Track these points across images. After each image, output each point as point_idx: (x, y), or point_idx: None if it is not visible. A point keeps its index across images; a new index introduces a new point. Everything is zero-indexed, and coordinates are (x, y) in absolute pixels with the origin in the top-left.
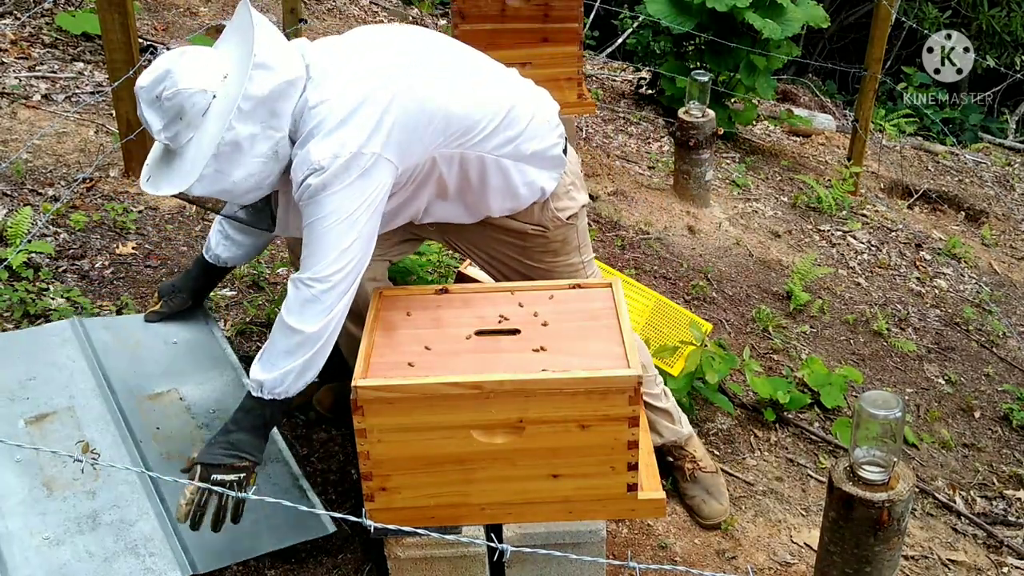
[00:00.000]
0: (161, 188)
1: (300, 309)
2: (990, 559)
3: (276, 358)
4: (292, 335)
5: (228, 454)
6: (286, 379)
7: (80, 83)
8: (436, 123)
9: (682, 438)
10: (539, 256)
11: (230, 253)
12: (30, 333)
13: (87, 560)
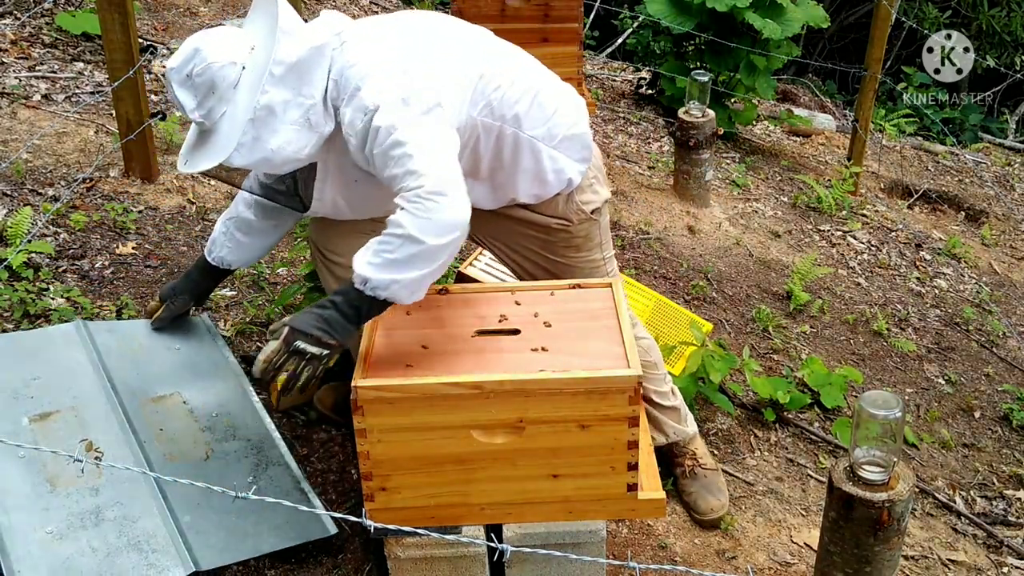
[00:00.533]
0: (200, 164)
1: (421, 218)
2: (990, 559)
3: (393, 266)
4: (417, 250)
5: (319, 328)
6: (392, 286)
7: (80, 83)
8: (475, 81)
9: (687, 438)
10: (562, 251)
11: (235, 256)
12: (35, 334)
13: (90, 555)
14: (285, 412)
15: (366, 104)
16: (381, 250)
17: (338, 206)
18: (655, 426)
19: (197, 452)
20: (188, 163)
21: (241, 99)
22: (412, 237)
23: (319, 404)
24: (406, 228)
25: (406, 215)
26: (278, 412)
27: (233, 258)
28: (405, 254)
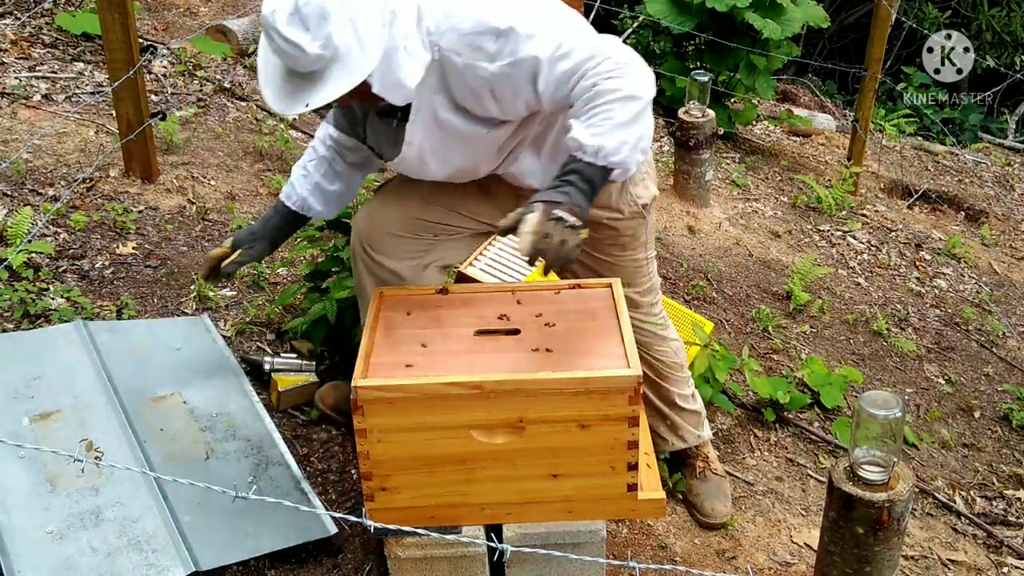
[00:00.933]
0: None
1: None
2: (990, 559)
3: (616, 128)
4: (632, 105)
5: (566, 197)
6: (623, 148)
7: (80, 83)
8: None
9: (703, 442)
10: (607, 249)
11: (321, 205)
12: (35, 334)
13: (90, 555)
14: (285, 412)
15: (495, 26)
16: (602, 118)
17: (423, 154)
18: (674, 431)
19: (197, 452)
20: (312, 100)
21: (362, 12)
22: (630, 95)
23: (320, 402)
24: (621, 89)
25: (612, 80)
26: (278, 412)
27: (320, 207)
28: (628, 113)
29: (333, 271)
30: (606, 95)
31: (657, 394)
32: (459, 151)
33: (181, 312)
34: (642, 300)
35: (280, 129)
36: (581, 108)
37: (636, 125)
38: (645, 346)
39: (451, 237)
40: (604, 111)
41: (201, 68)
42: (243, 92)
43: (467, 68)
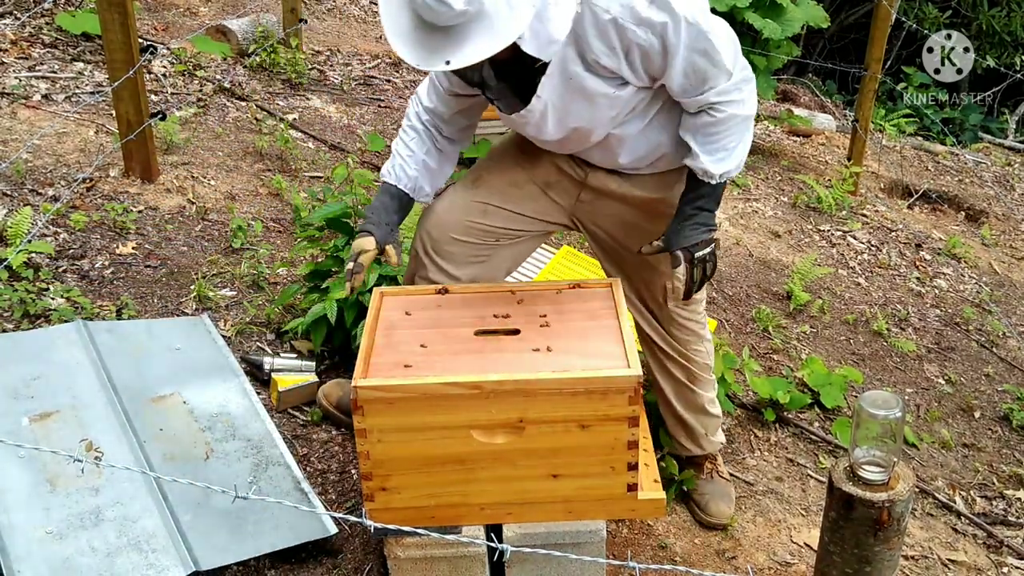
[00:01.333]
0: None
1: (749, 94)
2: (990, 559)
3: (735, 149)
4: (748, 124)
5: (698, 232)
6: (741, 164)
7: (80, 83)
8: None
9: (716, 449)
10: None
11: (429, 186)
12: (35, 334)
13: (90, 555)
14: (285, 412)
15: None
16: (726, 143)
17: (547, 110)
18: (694, 439)
19: (197, 452)
20: (454, 59)
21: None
22: (747, 116)
23: (324, 399)
24: (741, 113)
25: (736, 105)
26: (278, 412)
27: (424, 181)
28: (745, 132)
29: (333, 271)
30: (730, 121)
31: (685, 402)
32: (581, 111)
33: (181, 312)
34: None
35: (280, 129)
36: (705, 130)
37: (748, 136)
38: (683, 344)
39: (512, 241)
40: (727, 136)
41: (201, 68)
42: (243, 92)
43: (612, 24)
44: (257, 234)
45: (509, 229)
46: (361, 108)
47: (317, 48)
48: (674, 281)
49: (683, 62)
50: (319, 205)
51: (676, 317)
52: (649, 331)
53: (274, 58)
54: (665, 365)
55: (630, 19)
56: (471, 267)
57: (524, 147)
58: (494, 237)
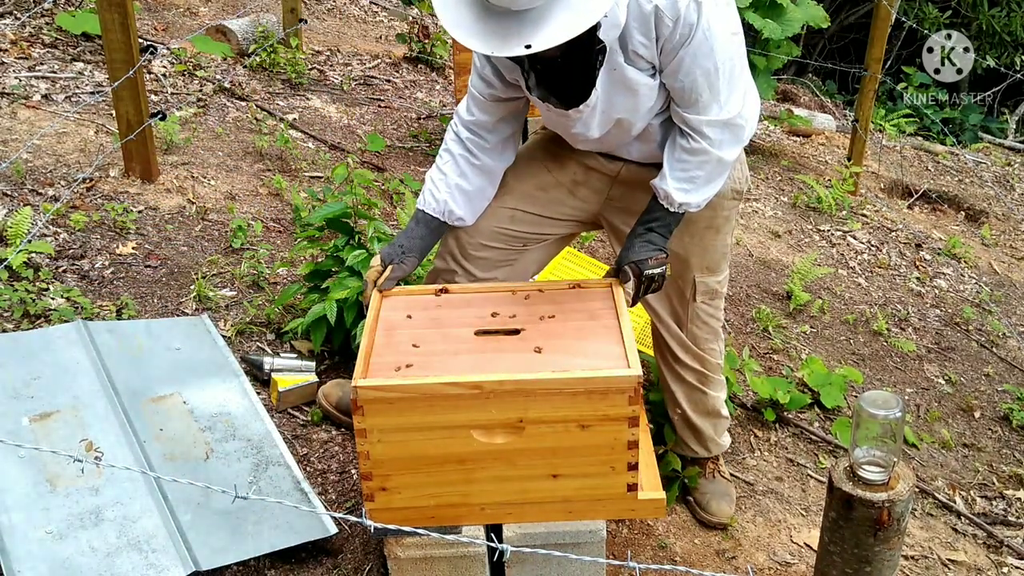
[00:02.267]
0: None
1: (731, 143)
2: (990, 559)
3: (701, 186)
4: (721, 168)
5: (647, 250)
6: (702, 203)
7: (80, 83)
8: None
9: (722, 451)
10: (702, 232)
11: (463, 208)
12: (35, 334)
13: (90, 555)
14: (285, 412)
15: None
16: (694, 176)
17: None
18: (702, 442)
19: (197, 452)
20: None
21: None
22: (727, 163)
23: (324, 400)
24: (723, 158)
25: (718, 141)
26: (278, 412)
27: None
28: (718, 174)
29: (333, 271)
30: (703, 155)
31: (695, 406)
32: (624, 103)
33: (181, 312)
34: (720, 290)
35: (280, 129)
36: (680, 154)
37: (718, 181)
38: (700, 342)
39: (538, 245)
40: (697, 169)
41: (201, 68)
42: (243, 92)
43: (653, 13)
44: (257, 234)
45: (536, 233)
46: (361, 108)
47: (317, 48)
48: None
49: (684, 73)
50: (319, 205)
51: (701, 313)
52: (667, 336)
53: (274, 58)
54: (677, 371)
55: (669, 11)
56: (498, 271)
57: (550, 149)
58: (521, 242)
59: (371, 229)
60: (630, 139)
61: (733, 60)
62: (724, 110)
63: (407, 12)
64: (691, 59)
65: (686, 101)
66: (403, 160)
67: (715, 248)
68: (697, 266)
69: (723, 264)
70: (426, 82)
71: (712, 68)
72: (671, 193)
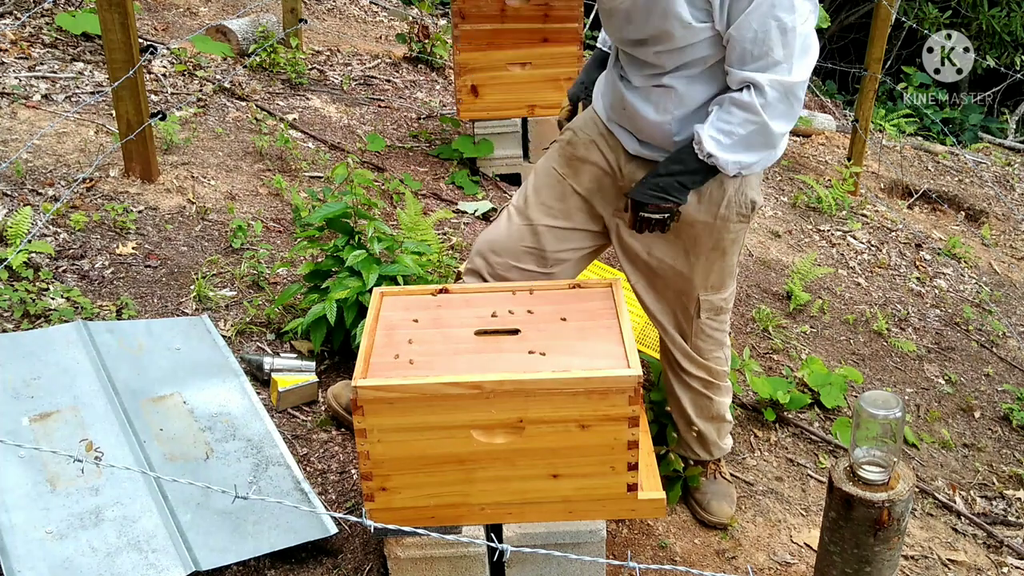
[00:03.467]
0: None
1: (784, 115)
2: (990, 559)
3: (737, 145)
4: (764, 137)
5: (655, 195)
6: (731, 165)
7: (80, 83)
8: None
9: (724, 453)
10: (708, 252)
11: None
12: (35, 334)
13: (90, 555)
14: (285, 412)
15: None
16: (734, 129)
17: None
18: (704, 445)
19: (197, 452)
20: None
21: None
22: (767, 127)
23: (333, 400)
24: (765, 115)
25: (770, 104)
26: (278, 412)
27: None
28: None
29: (333, 271)
30: (751, 112)
31: (700, 411)
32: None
33: (181, 312)
34: (726, 307)
35: (280, 129)
36: (729, 106)
37: (756, 145)
38: (705, 353)
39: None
40: (741, 126)
41: (201, 68)
42: (243, 92)
43: None
44: (257, 234)
45: (561, 250)
46: (361, 108)
47: (317, 48)
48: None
49: (759, 21)
50: (319, 205)
51: (705, 328)
52: (672, 349)
53: (274, 58)
54: (683, 379)
55: None
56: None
57: (564, 158)
58: (549, 263)
59: (371, 229)
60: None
61: (809, 26)
62: (792, 73)
63: (407, 12)
64: (769, 6)
65: (754, 54)
66: (403, 160)
67: (721, 269)
68: (701, 285)
69: (728, 281)
70: (426, 82)
71: (790, 24)
72: (704, 139)
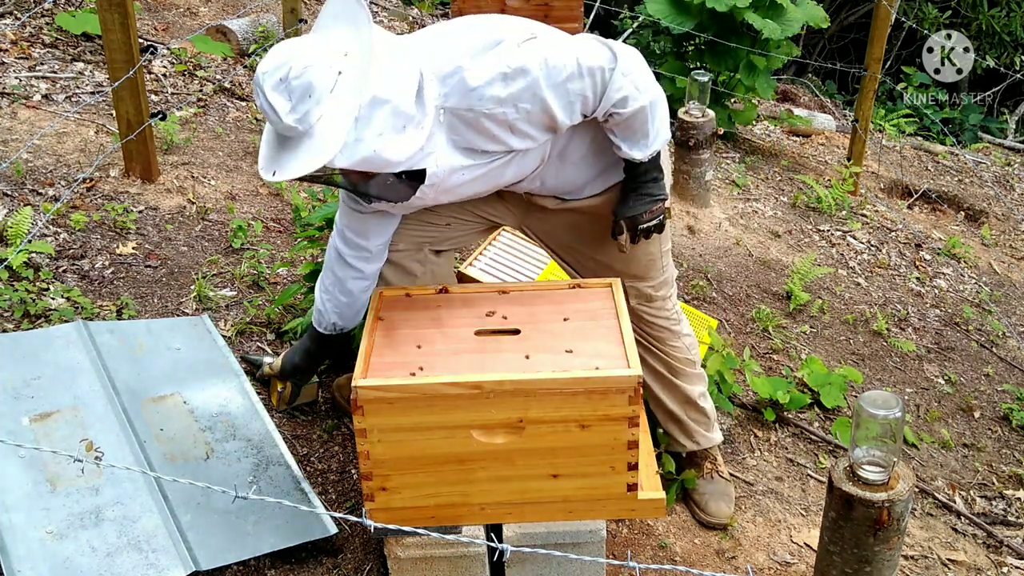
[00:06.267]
0: (293, 169)
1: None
2: (990, 559)
3: (656, 132)
4: (655, 108)
5: (642, 204)
6: (666, 139)
7: (80, 83)
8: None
9: (713, 445)
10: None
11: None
12: (35, 334)
13: (90, 555)
14: (285, 412)
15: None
16: (643, 131)
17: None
18: (687, 433)
19: (197, 452)
20: (279, 171)
21: (341, 100)
22: (652, 101)
23: (337, 392)
24: (644, 99)
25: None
26: (278, 412)
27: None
28: (658, 113)
29: None
30: (638, 114)
31: (671, 394)
32: (476, 185)
33: (181, 312)
34: (655, 294)
35: None
36: (620, 128)
37: (661, 114)
38: (658, 341)
39: (463, 228)
40: (642, 125)
41: (201, 68)
42: (243, 92)
43: (480, 118)
44: (257, 234)
45: (459, 218)
46: None
47: None
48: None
49: (560, 99)
50: (319, 205)
51: (642, 315)
52: None
53: None
54: (646, 359)
55: (495, 104)
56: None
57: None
58: (444, 221)
59: None
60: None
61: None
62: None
63: (407, 12)
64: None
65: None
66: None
67: (637, 259)
68: (623, 272)
69: (652, 271)
70: None
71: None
72: (634, 155)
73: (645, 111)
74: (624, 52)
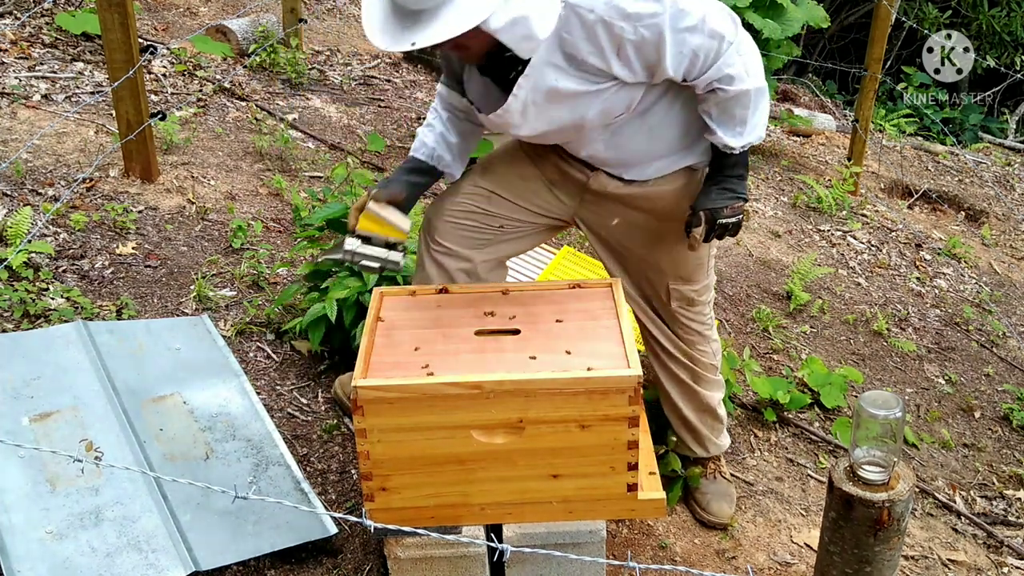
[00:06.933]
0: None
1: (752, 70)
2: (990, 559)
3: (754, 122)
4: (759, 96)
5: (724, 197)
6: (762, 131)
7: (80, 83)
8: None
9: (721, 451)
10: (674, 244)
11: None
12: (35, 334)
13: (90, 555)
14: (285, 412)
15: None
16: (741, 117)
17: (527, 108)
18: (699, 441)
19: (197, 452)
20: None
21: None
22: (758, 88)
23: (340, 389)
24: (748, 87)
25: (740, 82)
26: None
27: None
28: (760, 102)
29: (333, 271)
30: (741, 97)
31: (689, 401)
32: (563, 112)
33: (181, 312)
34: (698, 299)
35: (280, 129)
36: (719, 108)
37: (763, 106)
38: (688, 345)
39: (514, 232)
40: (742, 111)
41: (201, 68)
42: (243, 92)
43: (599, 24)
44: (257, 234)
45: (512, 219)
46: (361, 108)
47: (317, 48)
48: (690, 240)
49: (675, 46)
50: (319, 205)
51: (680, 317)
52: (654, 331)
53: (274, 58)
54: (669, 366)
55: (617, 16)
56: (470, 250)
57: (531, 146)
58: (498, 223)
59: None
60: (592, 139)
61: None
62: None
63: None
64: (673, 32)
65: (697, 65)
66: (403, 160)
67: (687, 260)
68: (670, 273)
69: (698, 275)
70: (426, 82)
71: (694, 22)
72: (727, 141)
73: (749, 96)
74: (745, 34)
